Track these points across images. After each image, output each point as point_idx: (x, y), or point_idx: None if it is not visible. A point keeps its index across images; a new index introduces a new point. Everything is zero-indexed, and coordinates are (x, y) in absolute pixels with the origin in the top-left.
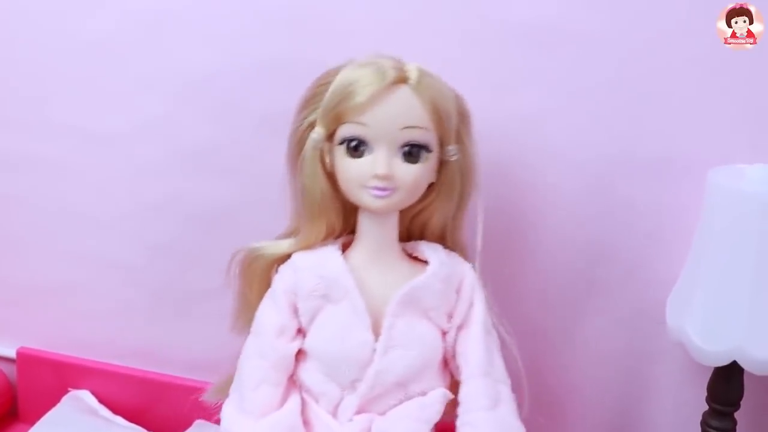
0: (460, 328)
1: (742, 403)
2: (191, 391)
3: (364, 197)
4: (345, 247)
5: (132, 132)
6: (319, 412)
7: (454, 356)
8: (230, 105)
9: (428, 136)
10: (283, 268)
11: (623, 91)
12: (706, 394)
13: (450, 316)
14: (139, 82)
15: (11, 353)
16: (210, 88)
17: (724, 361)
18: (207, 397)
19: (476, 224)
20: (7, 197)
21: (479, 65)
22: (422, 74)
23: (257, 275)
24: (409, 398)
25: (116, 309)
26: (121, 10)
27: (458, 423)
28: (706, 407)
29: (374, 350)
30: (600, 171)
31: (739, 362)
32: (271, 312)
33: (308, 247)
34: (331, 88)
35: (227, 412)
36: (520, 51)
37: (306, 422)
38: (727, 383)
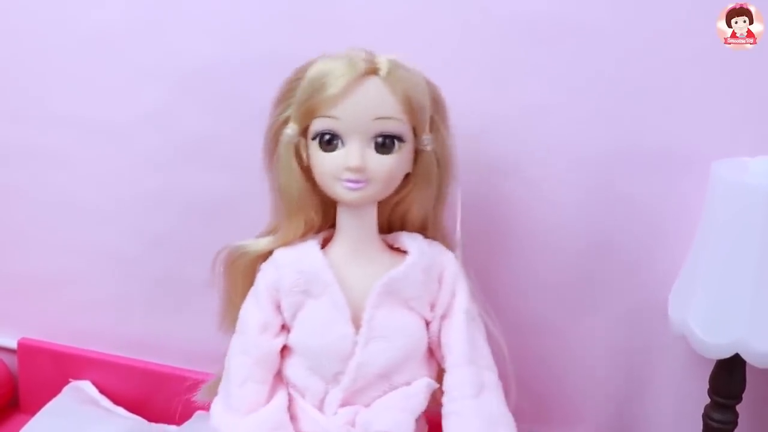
0: (443, 317)
1: (744, 395)
2: (191, 382)
3: (338, 190)
4: (326, 242)
5: (132, 123)
6: (305, 407)
7: (439, 346)
8: (230, 97)
9: (401, 127)
10: (265, 265)
11: (624, 86)
12: (708, 386)
13: (432, 306)
14: (139, 74)
15: (12, 344)
16: (210, 80)
17: (727, 354)
18: (199, 397)
19: (456, 214)
20: (7, 188)
21: (480, 59)
22: (393, 65)
23: (240, 272)
24: (393, 389)
25: (116, 300)
26: (121, 3)
27: (444, 412)
28: (708, 400)
29: (356, 343)
30: (602, 165)
31: (741, 355)
32: (253, 309)
33: (288, 243)
34: (303, 82)
35: (215, 410)
36: (522, 45)
37: (293, 417)
38: (729, 376)
